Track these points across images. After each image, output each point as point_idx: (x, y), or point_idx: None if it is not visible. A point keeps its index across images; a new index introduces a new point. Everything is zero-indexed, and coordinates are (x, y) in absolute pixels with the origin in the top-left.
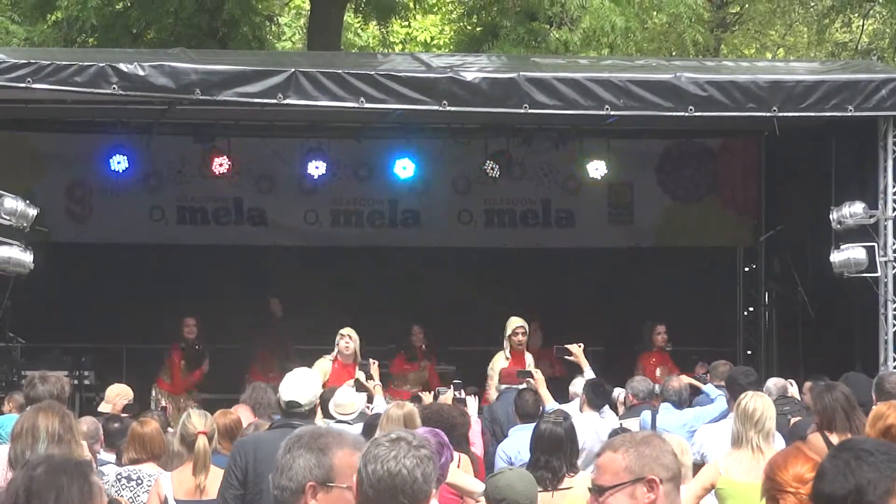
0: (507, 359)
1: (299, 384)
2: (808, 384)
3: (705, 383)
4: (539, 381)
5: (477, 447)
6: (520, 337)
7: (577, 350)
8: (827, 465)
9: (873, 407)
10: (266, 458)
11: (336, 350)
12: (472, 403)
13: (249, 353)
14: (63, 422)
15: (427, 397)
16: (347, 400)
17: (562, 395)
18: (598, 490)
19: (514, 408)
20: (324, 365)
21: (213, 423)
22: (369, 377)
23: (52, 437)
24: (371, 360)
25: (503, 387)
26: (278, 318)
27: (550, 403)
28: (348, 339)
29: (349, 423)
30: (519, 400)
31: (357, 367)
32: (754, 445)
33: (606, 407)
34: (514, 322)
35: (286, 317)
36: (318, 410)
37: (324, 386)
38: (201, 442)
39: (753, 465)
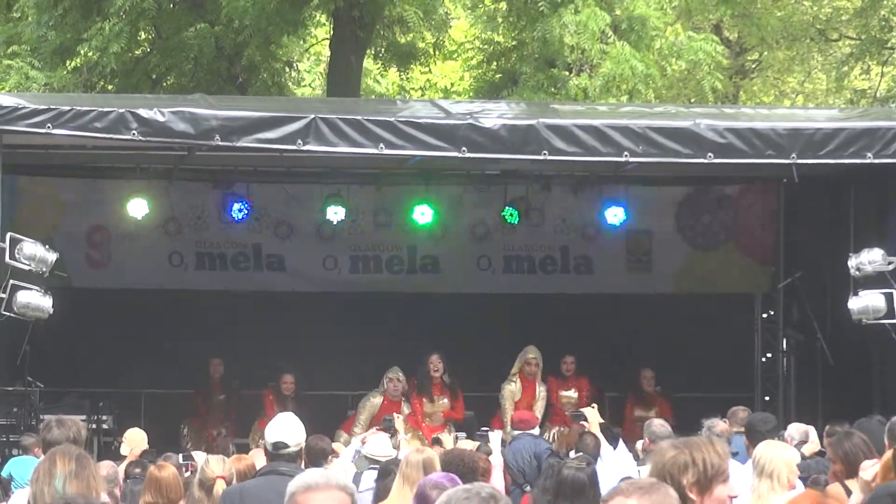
0: (515, 384)
1: (287, 426)
2: (827, 428)
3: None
4: (592, 423)
5: None
6: (532, 367)
7: (591, 414)
8: None
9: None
10: None
11: (384, 389)
12: (495, 442)
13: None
14: (79, 462)
15: (447, 440)
16: (381, 449)
17: None
18: None
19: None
20: (375, 400)
21: (231, 469)
22: (394, 431)
23: (69, 475)
24: (396, 415)
25: (516, 432)
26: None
27: (605, 445)
28: (396, 382)
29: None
30: (580, 444)
31: (382, 421)
32: (773, 493)
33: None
34: (530, 352)
35: (304, 362)
36: (334, 459)
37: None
38: (219, 487)
39: None
